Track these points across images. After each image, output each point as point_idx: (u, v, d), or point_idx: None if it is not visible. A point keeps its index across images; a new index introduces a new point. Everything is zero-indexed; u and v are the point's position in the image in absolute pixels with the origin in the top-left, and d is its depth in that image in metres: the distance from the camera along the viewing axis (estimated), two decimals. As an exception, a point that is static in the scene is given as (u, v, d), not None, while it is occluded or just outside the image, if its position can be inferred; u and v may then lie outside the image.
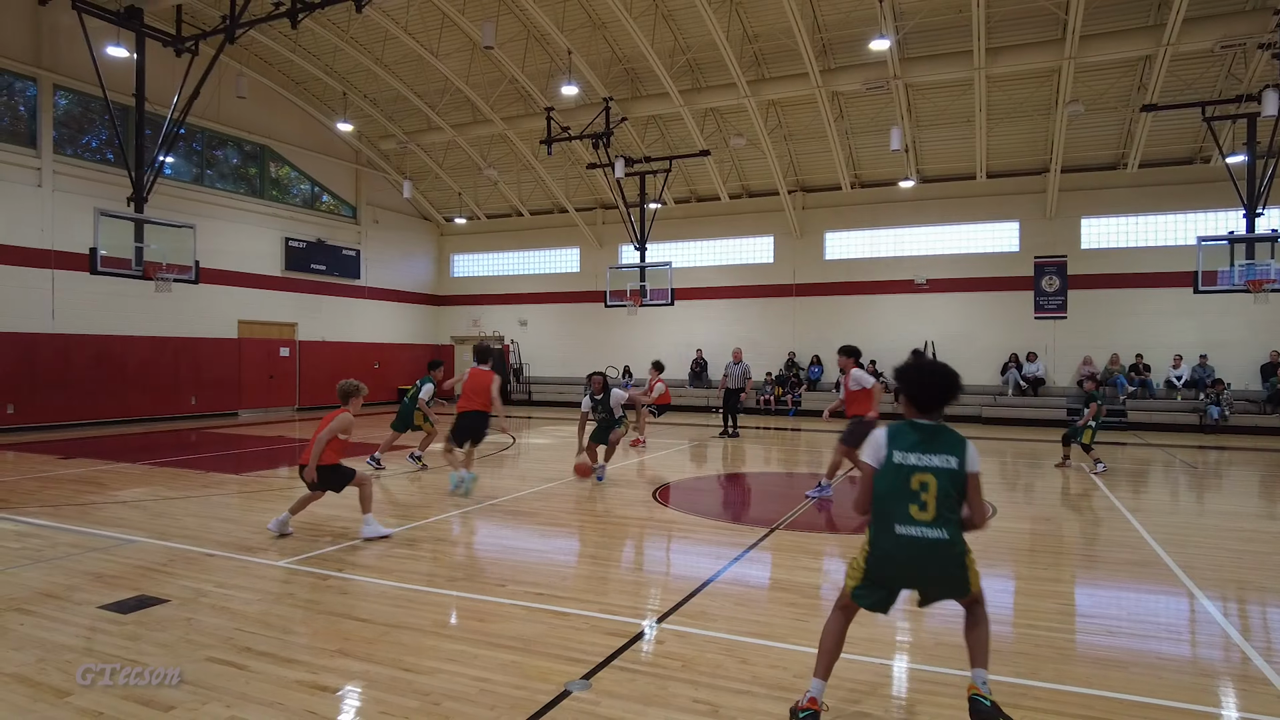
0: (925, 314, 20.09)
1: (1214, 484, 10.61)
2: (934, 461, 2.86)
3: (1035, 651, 4.00)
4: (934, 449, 2.88)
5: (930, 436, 2.91)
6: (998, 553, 6.09)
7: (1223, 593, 5.15)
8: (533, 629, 4.14)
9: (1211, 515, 8.18)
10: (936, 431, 2.93)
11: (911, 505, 2.84)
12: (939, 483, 2.82)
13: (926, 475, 2.84)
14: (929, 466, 2.85)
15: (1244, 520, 7.70)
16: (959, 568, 2.88)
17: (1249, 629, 4.50)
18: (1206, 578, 5.39)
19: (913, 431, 2.93)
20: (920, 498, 2.83)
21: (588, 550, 6.27)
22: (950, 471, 2.84)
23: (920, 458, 2.87)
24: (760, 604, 4.80)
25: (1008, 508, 8.15)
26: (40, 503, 7.61)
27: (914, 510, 2.84)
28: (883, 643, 4.11)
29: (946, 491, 2.82)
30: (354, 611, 4.42)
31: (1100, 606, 4.84)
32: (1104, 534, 7.05)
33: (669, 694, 3.37)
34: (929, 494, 2.82)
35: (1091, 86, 16.38)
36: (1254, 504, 9.08)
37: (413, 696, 3.32)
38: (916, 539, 2.83)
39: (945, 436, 2.92)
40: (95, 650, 3.79)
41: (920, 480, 2.84)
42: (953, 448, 2.88)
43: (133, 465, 10.57)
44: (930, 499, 2.82)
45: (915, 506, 2.84)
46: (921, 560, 2.85)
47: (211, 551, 5.76)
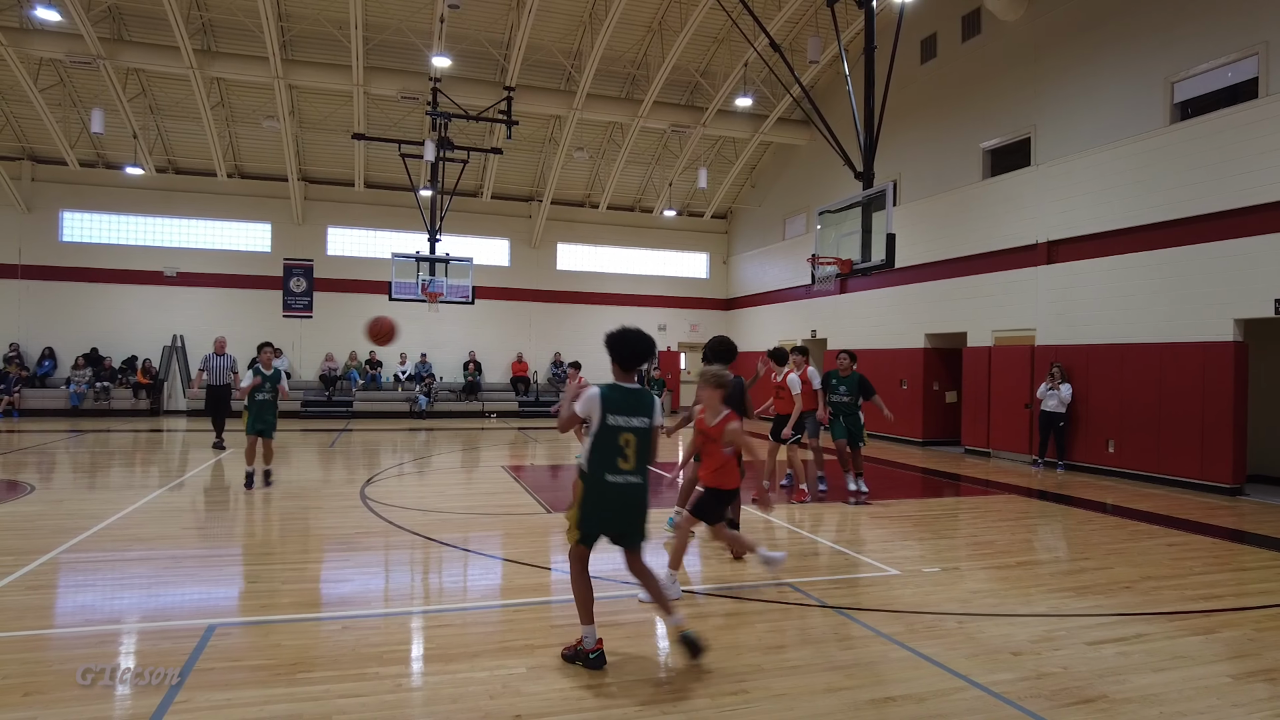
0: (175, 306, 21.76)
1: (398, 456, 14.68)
2: (634, 422, 4.06)
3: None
4: (636, 412, 4.07)
5: (635, 401, 4.10)
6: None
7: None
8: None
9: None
10: (639, 395, 4.13)
11: (619, 458, 4.04)
12: (638, 440, 4.06)
13: (630, 434, 4.05)
14: (631, 427, 4.06)
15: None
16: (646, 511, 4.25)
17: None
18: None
19: (621, 396, 4.08)
20: (625, 452, 4.04)
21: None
22: (643, 430, 4.10)
23: (626, 420, 4.04)
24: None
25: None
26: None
27: (620, 463, 4.05)
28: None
29: (643, 445, 4.09)
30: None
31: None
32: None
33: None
34: (631, 449, 4.04)
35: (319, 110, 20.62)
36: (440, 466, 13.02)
37: None
38: (624, 486, 4.09)
39: (644, 399, 4.13)
40: None
41: (625, 438, 4.03)
42: (647, 409, 4.12)
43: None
44: (631, 453, 4.05)
45: (621, 459, 4.05)
46: (627, 504, 4.12)
47: None
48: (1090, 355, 12.92)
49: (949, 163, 16.61)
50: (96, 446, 14.60)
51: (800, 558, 6.99)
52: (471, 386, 24.07)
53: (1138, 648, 4.79)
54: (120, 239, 22.23)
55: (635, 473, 4.10)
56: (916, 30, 17.40)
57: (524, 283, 25.45)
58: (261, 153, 22.28)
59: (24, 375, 20.61)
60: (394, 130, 21.14)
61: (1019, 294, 14.51)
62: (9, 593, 5.55)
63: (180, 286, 22.31)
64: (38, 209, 21.43)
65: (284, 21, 18.21)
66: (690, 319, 27.00)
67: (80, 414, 20.29)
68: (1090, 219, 13.06)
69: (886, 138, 17.07)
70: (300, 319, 23.13)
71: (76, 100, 19.82)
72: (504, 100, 18.78)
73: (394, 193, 23.59)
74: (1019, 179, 14.61)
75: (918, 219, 17.10)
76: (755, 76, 19.38)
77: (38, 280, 21.38)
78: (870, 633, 4.97)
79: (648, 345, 4.17)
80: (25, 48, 17.26)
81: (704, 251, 27.46)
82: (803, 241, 20.72)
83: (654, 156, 24.26)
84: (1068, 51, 13.85)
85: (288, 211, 23.10)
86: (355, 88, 18.89)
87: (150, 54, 17.92)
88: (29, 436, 15.91)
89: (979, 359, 15.30)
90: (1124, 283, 12.47)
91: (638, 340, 4.15)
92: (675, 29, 18.37)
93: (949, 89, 16.73)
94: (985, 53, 15.79)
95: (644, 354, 4.16)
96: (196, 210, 22.59)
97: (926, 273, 16.89)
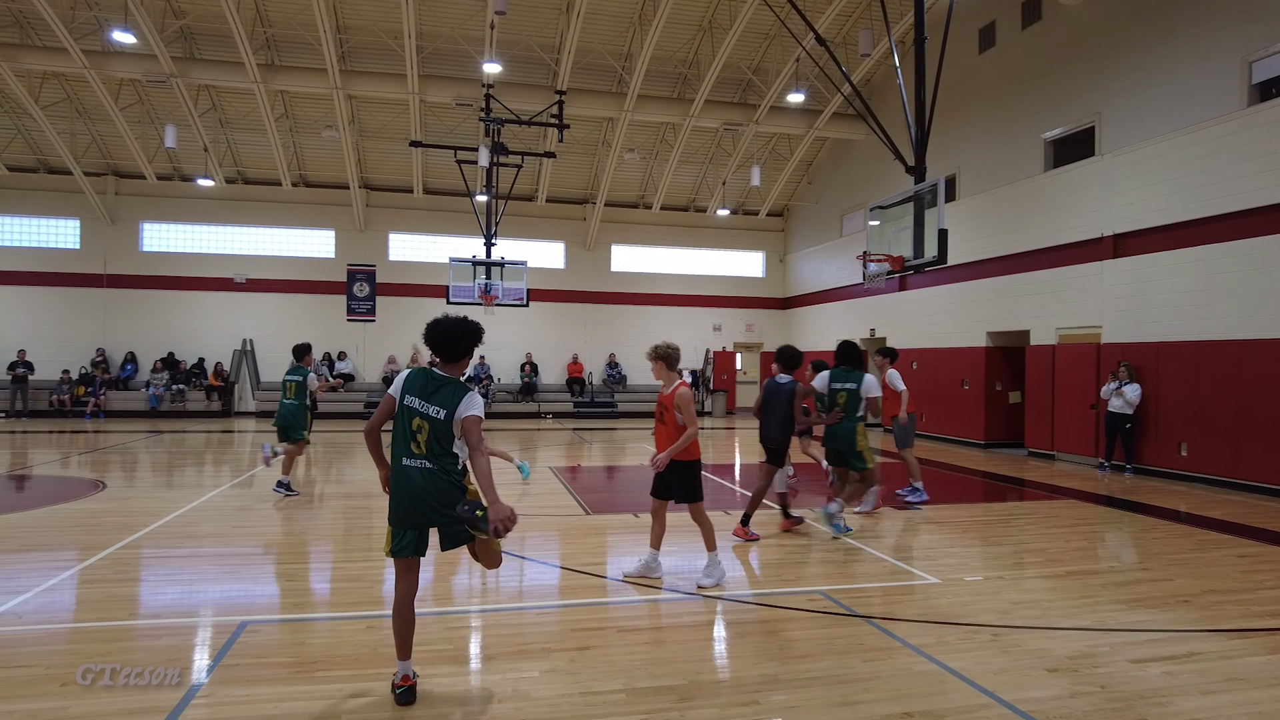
0: (245, 312, 22.65)
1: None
2: (429, 410, 3.76)
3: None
4: (433, 400, 3.77)
5: (436, 387, 3.82)
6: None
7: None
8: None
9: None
10: (442, 383, 3.83)
11: (410, 443, 3.78)
12: (430, 428, 3.75)
13: (422, 420, 3.76)
14: (425, 413, 3.77)
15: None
16: (448, 506, 3.75)
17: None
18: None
19: (425, 380, 3.84)
20: (417, 438, 3.77)
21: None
22: (437, 421, 3.76)
23: (421, 404, 3.78)
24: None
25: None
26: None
27: (412, 446, 3.78)
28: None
29: (435, 435, 3.75)
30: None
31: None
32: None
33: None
34: (423, 435, 3.75)
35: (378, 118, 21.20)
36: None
37: None
38: (410, 469, 3.78)
39: (447, 389, 3.81)
40: None
41: (418, 423, 3.77)
42: (446, 400, 3.77)
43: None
44: (423, 439, 3.76)
45: (413, 444, 3.78)
46: (413, 490, 3.75)
47: None
48: (1160, 353, 12.26)
49: (1009, 155, 16.01)
50: (169, 446, 15.28)
51: (838, 564, 6.82)
52: (528, 387, 24.35)
53: (1188, 667, 4.50)
54: (194, 248, 23.24)
55: (427, 458, 3.79)
56: (975, 19, 16.84)
57: (579, 284, 25.61)
58: (324, 162, 22.98)
59: (108, 379, 21.75)
60: (450, 137, 21.53)
61: (1084, 290, 13.89)
62: (63, 588, 5.83)
63: (249, 292, 23.19)
64: (120, 221, 22.59)
65: (341, 34, 18.75)
66: (746, 319, 26.74)
67: (158, 415, 21.29)
68: (1160, 210, 12.40)
69: (944, 131, 16.66)
70: (363, 323, 23.76)
71: (153, 117, 20.79)
72: (556, 104, 18.93)
73: (451, 198, 24.03)
74: (1083, 170, 13.98)
75: (978, 214, 16.55)
76: (808, 72, 19.06)
77: (121, 289, 22.53)
78: (898, 644, 4.79)
79: (457, 333, 3.90)
80: (106, 70, 18.21)
81: (759, 250, 27.15)
82: (860, 238, 20.20)
83: (707, 155, 24.11)
84: (1135, 34, 13.18)
85: (350, 218, 23.77)
86: (411, 96, 19.31)
87: (218, 70, 18.68)
88: (111, 437, 16.76)
89: (1042, 358, 14.70)
90: (1197, 276, 11.80)
91: (449, 328, 3.91)
92: (725, 27, 18.20)
93: (1008, 78, 16.13)
94: (1046, 39, 15.16)
95: (451, 342, 3.89)
96: (264, 219, 23.46)
97: (987, 269, 16.32)
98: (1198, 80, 12.05)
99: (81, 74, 18.08)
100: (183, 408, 21.66)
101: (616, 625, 5.13)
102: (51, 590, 5.73)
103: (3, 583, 5.89)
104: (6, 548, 6.99)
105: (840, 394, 7.84)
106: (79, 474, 11.57)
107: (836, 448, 7.96)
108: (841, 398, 7.83)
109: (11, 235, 22.30)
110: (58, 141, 20.07)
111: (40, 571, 6.17)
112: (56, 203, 22.20)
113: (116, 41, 17.03)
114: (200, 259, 23.09)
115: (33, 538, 7.39)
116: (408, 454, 3.80)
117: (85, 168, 21.38)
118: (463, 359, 3.96)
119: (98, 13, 17.45)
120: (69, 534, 7.59)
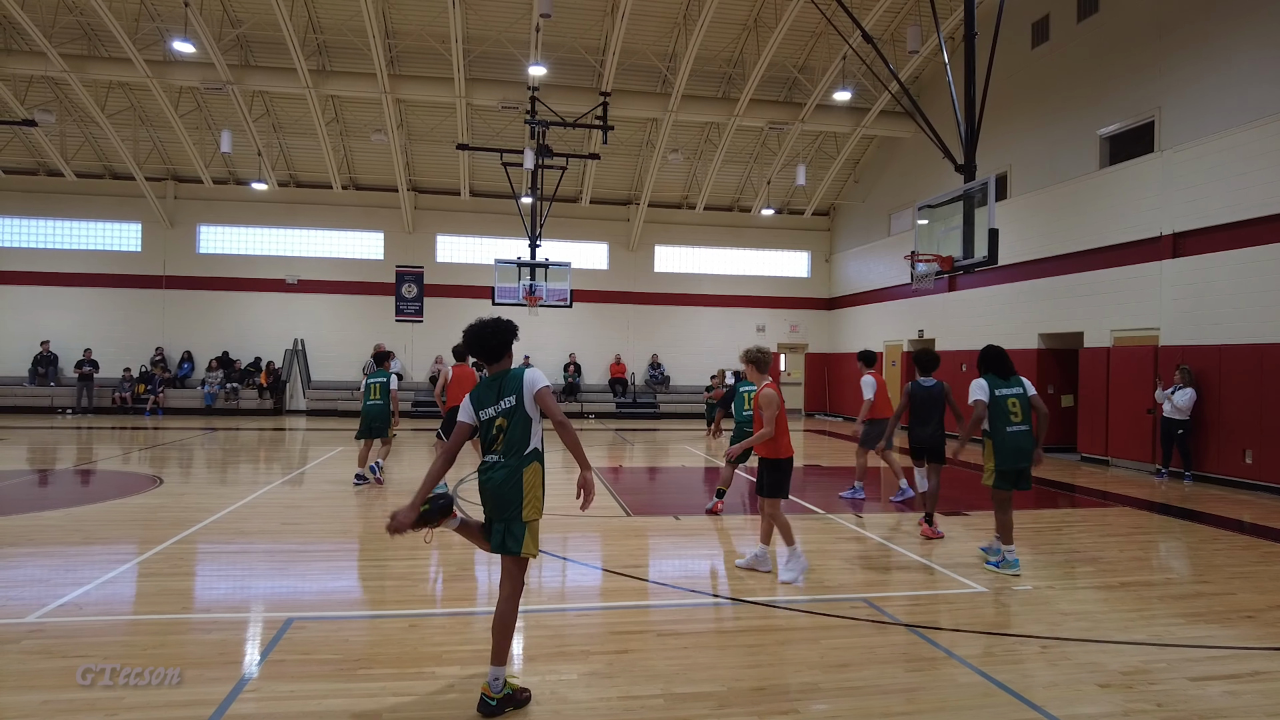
0: (296, 312, 23.21)
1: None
2: (501, 406, 3.85)
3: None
4: (500, 396, 3.85)
5: (499, 387, 3.87)
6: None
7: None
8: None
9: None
10: (498, 379, 3.90)
11: (493, 445, 3.90)
12: (508, 422, 3.83)
13: (500, 419, 3.84)
14: (500, 411, 3.85)
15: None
16: (517, 503, 3.84)
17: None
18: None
19: (484, 388, 3.90)
20: (497, 439, 3.86)
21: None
22: (511, 409, 3.84)
23: (495, 409, 3.86)
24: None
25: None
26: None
27: (494, 447, 3.89)
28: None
29: (513, 428, 3.82)
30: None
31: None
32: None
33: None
34: (503, 435, 3.84)
35: (425, 122, 21.53)
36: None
37: None
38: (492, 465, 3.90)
39: (509, 381, 3.88)
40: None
41: (498, 425, 3.86)
42: (511, 389, 3.86)
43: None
44: (504, 438, 3.84)
45: (494, 445, 3.89)
46: (489, 487, 3.86)
47: None
48: (1223, 356, 11.80)
49: (1063, 152, 15.57)
50: (223, 444, 15.73)
51: (882, 571, 6.70)
52: (571, 388, 24.46)
53: (1251, 687, 4.31)
54: (248, 249, 23.88)
55: (502, 455, 3.88)
56: (1028, 13, 16.42)
57: (622, 285, 25.65)
58: (373, 165, 23.41)
59: (166, 377, 22.47)
60: (496, 140, 21.75)
61: (1140, 291, 13.44)
62: (122, 581, 6.03)
63: (301, 293, 23.75)
64: (179, 224, 23.33)
65: (390, 39, 19.08)
66: (790, 319, 26.48)
67: (213, 413, 21.92)
68: (1224, 207, 11.93)
69: (995, 128, 16.29)
70: (412, 323, 24.14)
71: (210, 123, 21.42)
72: (600, 105, 18.98)
73: (497, 200, 24.27)
74: (1141, 167, 13.52)
75: (1030, 212, 16.13)
76: (855, 70, 18.80)
77: (178, 290, 23.26)
78: (943, 654, 4.69)
79: (489, 333, 3.95)
80: (167, 78, 18.82)
81: (805, 250, 26.87)
82: (908, 238, 19.85)
83: (751, 155, 23.95)
84: (1197, 25, 12.71)
85: (399, 220, 24.17)
86: (458, 99, 19.55)
87: (271, 77, 19.16)
88: (169, 434, 17.31)
89: (1097, 360, 14.27)
90: (1264, 276, 11.32)
91: (479, 330, 3.97)
92: (770, 25, 18.05)
93: (1063, 73, 15.69)
94: (1103, 32, 14.71)
95: (482, 342, 3.94)
96: (315, 221, 23.99)
97: (1040, 269, 15.90)
98: (1264, 72, 11.56)
99: (144, 83, 18.71)
100: (236, 406, 22.26)
101: (656, 629, 5.11)
102: (110, 583, 5.93)
103: (66, 574, 6.12)
104: (70, 540, 7.26)
105: (1010, 400, 6.63)
106: (138, 469, 11.97)
107: (1022, 466, 6.64)
108: (1014, 404, 6.62)
109: (78, 239, 23.19)
110: (122, 148, 20.81)
111: (100, 564, 6.39)
112: (120, 207, 23.02)
113: (177, 51, 17.59)
114: (254, 260, 23.71)
115: (95, 531, 7.66)
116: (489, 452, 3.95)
117: (146, 173, 22.13)
118: (502, 357, 3.98)
119: (160, 24, 18.04)
120: (128, 528, 7.86)
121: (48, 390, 21.64)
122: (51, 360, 21.98)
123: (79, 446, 14.89)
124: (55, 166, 21.97)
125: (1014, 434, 6.53)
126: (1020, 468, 6.58)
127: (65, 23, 18.15)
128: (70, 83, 18.65)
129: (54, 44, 17.48)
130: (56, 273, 22.70)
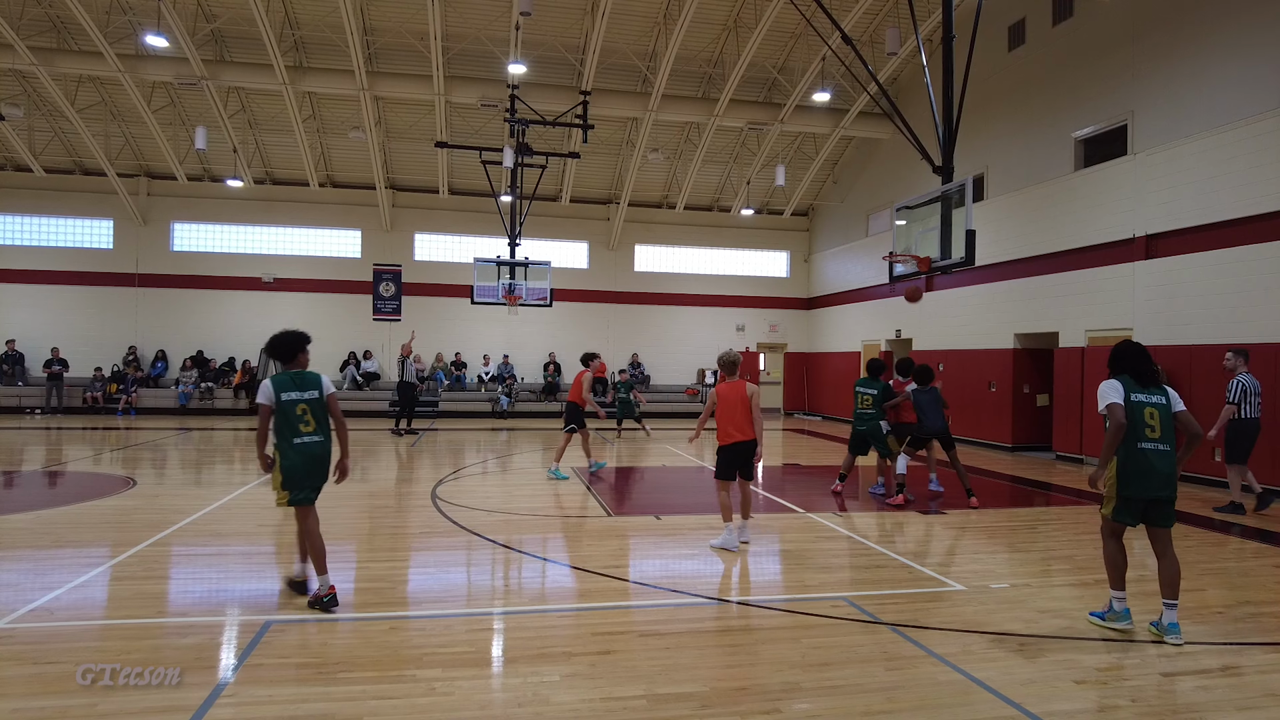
0: (272, 311, 22.92)
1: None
2: (305, 396, 5.39)
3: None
4: (303, 387, 5.40)
5: (301, 380, 5.43)
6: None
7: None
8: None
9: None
10: (304, 376, 5.47)
11: (300, 424, 5.38)
12: (312, 409, 5.38)
13: (306, 405, 5.38)
14: (307, 399, 5.40)
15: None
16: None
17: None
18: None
19: (290, 380, 5.41)
20: (304, 418, 5.36)
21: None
22: (316, 400, 5.45)
23: (299, 394, 5.37)
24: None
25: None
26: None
27: (302, 427, 5.36)
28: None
29: (320, 414, 5.44)
30: None
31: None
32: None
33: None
34: (309, 416, 5.37)
35: (404, 120, 21.35)
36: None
37: None
38: (310, 442, 5.40)
39: (308, 378, 5.48)
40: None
41: (301, 408, 5.35)
42: (312, 384, 5.46)
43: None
44: (310, 418, 5.38)
45: (303, 425, 5.39)
46: (315, 461, 5.41)
47: None
48: (1194, 356, 12.01)
49: (1039, 154, 15.77)
50: (198, 444, 15.52)
51: (862, 570, 6.75)
52: (551, 387, 24.40)
53: (1223, 682, 4.39)
54: (223, 247, 23.59)
55: (315, 433, 5.41)
56: (1005, 16, 16.62)
57: (602, 285, 25.63)
58: (351, 162, 23.20)
59: (139, 376, 22.13)
60: (475, 138, 21.63)
61: (1114, 292, 13.64)
62: (94, 585, 5.93)
63: (277, 292, 23.48)
64: (152, 221, 22.98)
65: (368, 35, 18.90)
66: (770, 319, 26.60)
67: (187, 412, 21.62)
68: (1195, 210, 12.15)
69: (973, 130, 16.46)
70: (389, 322, 23.95)
71: (184, 119, 21.11)
72: (580, 104, 18.94)
73: (476, 199, 24.15)
74: (1114, 169, 13.73)
75: (1006, 214, 16.32)
76: (834, 71, 18.91)
77: (152, 288, 22.92)
78: (922, 653, 4.73)
79: (286, 342, 5.54)
80: (140, 73, 18.53)
81: (784, 250, 27.00)
82: (886, 238, 20.05)
83: (731, 155, 24.02)
84: (1170, 30, 12.93)
85: (377, 219, 23.98)
86: (437, 97, 19.43)
87: (247, 72, 18.93)
88: (142, 434, 17.04)
89: (1071, 360, 14.47)
90: (1233, 278, 11.54)
91: (280, 340, 5.54)
92: (750, 26, 18.11)
93: (1039, 76, 15.89)
94: (1078, 36, 14.92)
95: (281, 349, 5.51)
96: (292, 219, 23.74)
97: (1016, 270, 16.10)
98: (1235, 77, 11.78)
99: (116, 77, 18.40)
100: (211, 405, 21.98)
101: (638, 630, 5.11)
102: (83, 587, 5.83)
103: (36, 578, 6.01)
104: (40, 544, 7.13)
105: (1148, 410, 5.16)
106: (111, 470, 11.78)
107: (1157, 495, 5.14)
108: (1153, 415, 5.16)
109: (47, 236, 22.78)
110: (92, 143, 20.47)
111: (72, 568, 6.28)
112: (91, 204, 22.64)
113: (150, 45, 17.32)
114: (229, 259, 23.42)
115: (66, 534, 7.52)
116: (297, 434, 5.38)
117: (118, 169, 21.77)
118: (295, 358, 5.52)
119: (131, 17, 17.74)
120: (101, 530, 7.73)
121: (15, 390, 21.23)
122: (18, 359, 21.56)
123: (48, 447, 14.63)
124: (23, 162, 21.57)
125: (1148, 453, 5.03)
126: (1154, 497, 5.06)
127: (33, 14, 17.81)
128: (39, 76, 18.31)
129: (21, 36, 17.15)
130: (24, 270, 22.27)
